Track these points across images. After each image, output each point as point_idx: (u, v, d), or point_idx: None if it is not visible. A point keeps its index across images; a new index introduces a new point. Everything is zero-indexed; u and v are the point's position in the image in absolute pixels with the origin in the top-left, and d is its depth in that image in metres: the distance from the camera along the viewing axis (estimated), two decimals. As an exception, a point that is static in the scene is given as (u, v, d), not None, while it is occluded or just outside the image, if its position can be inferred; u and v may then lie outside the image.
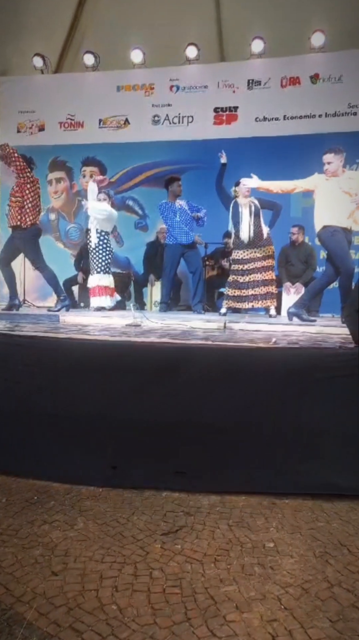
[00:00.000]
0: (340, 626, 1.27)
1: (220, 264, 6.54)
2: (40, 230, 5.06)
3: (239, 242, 5.02)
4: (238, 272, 5.03)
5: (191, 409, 2.24)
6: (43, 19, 7.52)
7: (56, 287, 5.12)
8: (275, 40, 6.85)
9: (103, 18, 7.62)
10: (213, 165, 6.72)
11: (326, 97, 6.72)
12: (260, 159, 6.36)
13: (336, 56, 6.70)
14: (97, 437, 2.28)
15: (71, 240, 7.69)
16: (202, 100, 7.17)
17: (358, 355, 2.32)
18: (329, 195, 4.15)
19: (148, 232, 7.25)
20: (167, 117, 7.34)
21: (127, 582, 1.46)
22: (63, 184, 7.75)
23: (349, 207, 4.12)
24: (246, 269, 5.00)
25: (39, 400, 2.36)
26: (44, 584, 1.44)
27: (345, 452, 2.14)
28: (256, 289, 4.98)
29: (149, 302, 6.56)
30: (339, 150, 4.17)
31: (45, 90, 7.68)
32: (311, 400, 2.21)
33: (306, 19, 6.72)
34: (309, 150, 5.66)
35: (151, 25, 7.25)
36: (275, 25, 6.89)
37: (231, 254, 5.16)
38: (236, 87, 7.07)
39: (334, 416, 2.18)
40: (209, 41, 7.40)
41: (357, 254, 6.27)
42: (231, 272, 5.10)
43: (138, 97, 7.40)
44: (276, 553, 1.63)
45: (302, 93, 6.83)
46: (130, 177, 7.51)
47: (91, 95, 7.48)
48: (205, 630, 1.25)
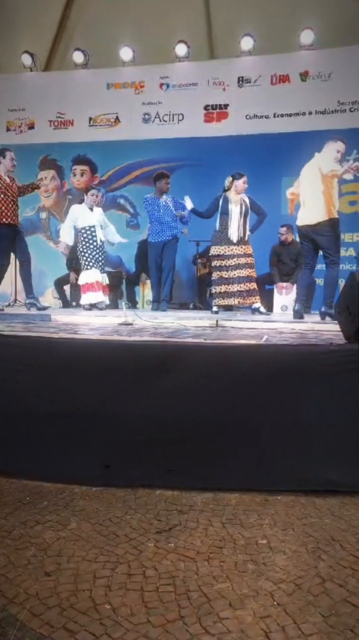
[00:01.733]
0: (332, 621, 1.28)
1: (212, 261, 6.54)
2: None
3: (222, 237, 4.96)
4: (222, 268, 4.99)
5: (184, 407, 2.24)
6: (31, 16, 7.49)
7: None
8: (265, 38, 6.87)
9: (92, 15, 7.59)
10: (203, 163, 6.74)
11: (315, 95, 6.75)
12: (251, 156, 6.39)
13: (326, 54, 6.73)
14: (90, 436, 2.27)
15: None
16: (192, 98, 7.17)
17: (349, 351, 2.34)
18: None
19: (140, 231, 7.24)
20: (158, 114, 7.33)
21: (121, 581, 1.46)
22: (53, 182, 7.71)
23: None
24: (230, 265, 4.96)
25: (30, 400, 2.36)
26: (37, 584, 1.44)
27: (337, 448, 2.16)
28: (241, 284, 4.96)
29: (141, 300, 6.55)
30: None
31: (34, 88, 7.64)
32: (303, 397, 2.22)
33: (295, 17, 6.74)
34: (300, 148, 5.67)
35: (140, 22, 7.24)
36: (264, 22, 6.91)
37: (211, 249, 5.10)
38: (226, 85, 7.08)
39: (327, 412, 2.19)
40: (199, 39, 7.41)
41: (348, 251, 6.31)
42: (214, 269, 5.06)
43: (128, 94, 7.39)
44: (269, 550, 1.64)
45: (292, 90, 6.85)
46: (121, 175, 7.49)
47: (81, 93, 7.45)
48: (199, 628, 1.25)
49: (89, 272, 5.52)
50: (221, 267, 4.99)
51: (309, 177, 4.32)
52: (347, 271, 4.71)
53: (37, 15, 7.50)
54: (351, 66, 6.57)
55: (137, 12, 7.22)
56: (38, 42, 7.76)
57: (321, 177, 4.17)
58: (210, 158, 6.75)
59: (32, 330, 3.20)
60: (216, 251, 5.01)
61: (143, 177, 7.38)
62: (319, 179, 4.18)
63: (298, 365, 2.27)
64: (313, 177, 4.26)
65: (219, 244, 4.99)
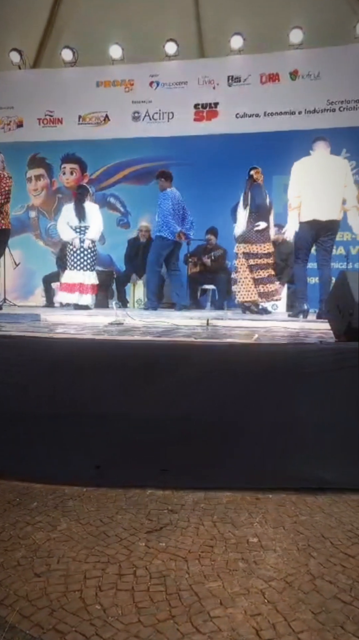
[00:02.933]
0: (323, 617, 1.28)
1: (202, 260, 6.54)
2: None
3: (266, 233, 4.85)
4: (263, 267, 4.92)
5: (175, 407, 2.24)
6: (19, 13, 7.43)
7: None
8: (254, 37, 6.88)
9: (81, 13, 7.55)
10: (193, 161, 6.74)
11: (305, 94, 6.78)
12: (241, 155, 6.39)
13: (315, 53, 6.76)
14: (80, 436, 2.26)
15: (51, 238, 7.62)
16: (182, 96, 7.17)
17: (339, 350, 2.35)
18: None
19: (130, 229, 7.23)
20: (147, 113, 7.32)
21: (111, 581, 1.45)
22: (42, 181, 7.67)
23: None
24: (266, 264, 4.94)
25: (20, 400, 2.34)
26: (27, 586, 1.43)
27: (328, 446, 2.17)
28: (272, 284, 4.98)
29: (132, 300, 6.54)
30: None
31: (23, 86, 7.58)
32: (293, 396, 2.23)
33: (285, 16, 6.77)
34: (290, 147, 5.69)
35: (129, 20, 7.22)
36: (253, 21, 6.92)
37: (247, 245, 4.92)
38: (216, 84, 7.09)
39: (317, 411, 2.20)
40: (188, 37, 7.40)
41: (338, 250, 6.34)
42: (254, 268, 4.92)
43: (118, 93, 7.37)
44: (259, 548, 1.64)
45: (282, 90, 6.88)
46: (111, 174, 7.47)
47: (70, 91, 7.42)
48: (190, 627, 1.25)
49: (71, 272, 5.51)
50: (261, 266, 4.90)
51: (323, 170, 4.25)
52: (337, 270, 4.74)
53: (25, 12, 7.45)
54: (341, 65, 6.61)
55: (126, 10, 7.19)
56: (26, 39, 7.70)
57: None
58: (200, 157, 6.75)
59: (21, 330, 3.18)
60: (260, 249, 4.90)
61: (133, 176, 7.36)
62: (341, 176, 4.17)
63: (288, 364, 2.27)
64: (328, 171, 4.21)
65: (259, 241, 4.89)
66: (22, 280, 7.39)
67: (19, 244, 7.08)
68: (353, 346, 2.30)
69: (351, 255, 6.53)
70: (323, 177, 4.19)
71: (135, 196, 7.34)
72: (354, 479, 2.10)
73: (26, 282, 7.38)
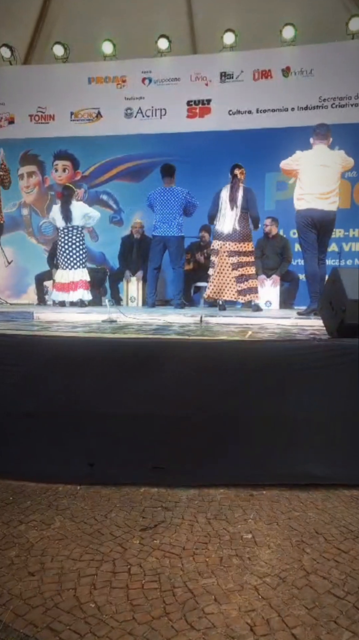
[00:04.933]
0: (316, 613, 1.29)
1: (195, 258, 6.54)
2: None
3: (245, 231, 4.87)
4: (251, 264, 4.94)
5: (168, 404, 2.24)
6: (10, 8, 7.35)
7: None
8: (247, 33, 6.87)
9: (72, 8, 7.50)
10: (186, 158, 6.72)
11: (297, 91, 6.77)
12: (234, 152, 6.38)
13: (307, 50, 6.76)
14: (74, 434, 2.26)
15: (44, 235, 7.58)
16: (175, 93, 7.15)
17: (332, 346, 2.36)
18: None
19: (124, 227, 7.20)
20: (140, 110, 7.29)
21: (105, 579, 1.45)
22: (35, 178, 7.62)
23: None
24: (248, 262, 4.95)
25: (13, 399, 2.33)
26: (21, 585, 1.42)
27: (320, 441, 2.18)
28: (253, 281, 4.97)
29: (125, 297, 6.52)
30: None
31: (14, 82, 7.52)
32: (286, 392, 2.23)
33: (277, 12, 6.76)
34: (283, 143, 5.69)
35: (121, 16, 7.17)
36: (246, 17, 6.91)
37: (234, 244, 4.90)
38: (208, 80, 7.07)
39: (310, 407, 2.21)
40: (180, 33, 7.38)
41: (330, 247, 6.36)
42: (248, 265, 4.95)
43: (110, 89, 7.33)
44: (253, 544, 1.65)
45: (274, 86, 6.87)
46: (103, 170, 7.44)
47: (62, 88, 7.37)
48: (184, 624, 1.25)
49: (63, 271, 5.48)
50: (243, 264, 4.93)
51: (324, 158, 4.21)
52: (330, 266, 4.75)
53: (16, 7, 7.38)
54: (333, 62, 6.61)
55: (118, 6, 7.15)
56: (17, 35, 7.63)
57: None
58: (193, 153, 6.74)
59: (14, 329, 3.16)
60: (246, 247, 4.92)
61: (126, 173, 7.34)
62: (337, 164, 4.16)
63: (281, 360, 2.28)
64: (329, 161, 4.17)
65: (249, 240, 4.93)
66: (14, 279, 7.35)
67: (11, 241, 7.03)
68: (346, 342, 2.31)
69: (343, 252, 6.56)
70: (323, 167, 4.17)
71: (128, 193, 7.32)
72: (347, 475, 2.11)
73: (19, 280, 7.35)
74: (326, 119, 6.52)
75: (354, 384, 2.18)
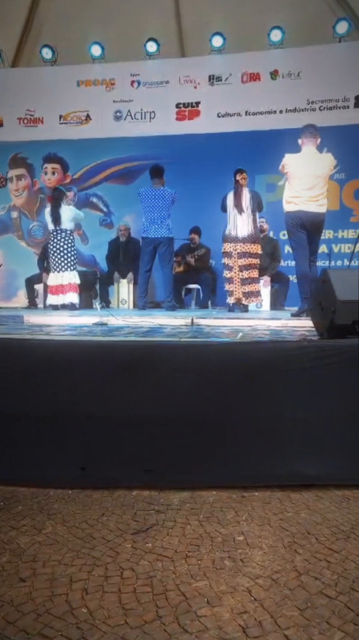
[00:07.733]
0: (308, 613, 1.29)
1: (186, 260, 6.55)
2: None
3: (254, 234, 5.03)
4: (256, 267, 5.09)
5: (159, 406, 2.23)
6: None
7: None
8: (235, 36, 6.90)
9: (60, 11, 7.49)
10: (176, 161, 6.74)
11: (286, 93, 6.82)
12: (223, 154, 6.41)
13: (295, 52, 6.82)
14: (65, 438, 2.24)
15: (34, 238, 7.55)
16: (164, 95, 7.17)
17: (322, 347, 2.37)
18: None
19: (114, 229, 7.19)
20: (129, 112, 7.29)
21: (98, 584, 1.44)
22: (24, 181, 7.59)
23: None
24: (254, 264, 5.08)
25: (2, 402, 2.31)
26: (12, 591, 1.41)
27: (312, 442, 2.19)
28: (257, 284, 5.11)
29: (116, 300, 6.51)
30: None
31: (2, 85, 7.50)
32: (277, 393, 2.24)
33: (265, 15, 6.80)
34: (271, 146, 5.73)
35: (110, 19, 7.18)
36: (234, 20, 6.95)
37: (244, 245, 5.04)
38: (197, 83, 7.09)
39: (301, 408, 2.22)
40: (169, 36, 7.40)
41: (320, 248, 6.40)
42: (253, 267, 5.07)
43: (99, 92, 7.32)
44: (246, 545, 1.65)
45: (262, 89, 6.92)
46: (93, 173, 7.43)
47: (50, 90, 7.35)
48: (177, 627, 1.25)
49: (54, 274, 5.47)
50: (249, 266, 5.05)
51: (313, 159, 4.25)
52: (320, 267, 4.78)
53: (4, 9, 7.35)
54: (320, 65, 6.67)
55: (106, 9, 7.16)
56: (5, 37, 7.60)
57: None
58: (182, 156, 6.75)
59: (3, 332, 3.14)
60: (255, 249, 5.05)
61: (116, 176, 7.33)
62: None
63: (272, 361, 2.28)
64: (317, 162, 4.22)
65: (258, 242, 5.09)
66: (4, 282, 7.31)
67: (0, 244, 7.00)
68: (335, 343, 2.32)
69: (333, 253, 6.60)
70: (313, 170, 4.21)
71: (118, 196, 7.31)
72: (338, 475, 2.12)
73: (9, 283, 7.30)
74: (314, 121, 6.55)
75: (344, 384, 2.19)
